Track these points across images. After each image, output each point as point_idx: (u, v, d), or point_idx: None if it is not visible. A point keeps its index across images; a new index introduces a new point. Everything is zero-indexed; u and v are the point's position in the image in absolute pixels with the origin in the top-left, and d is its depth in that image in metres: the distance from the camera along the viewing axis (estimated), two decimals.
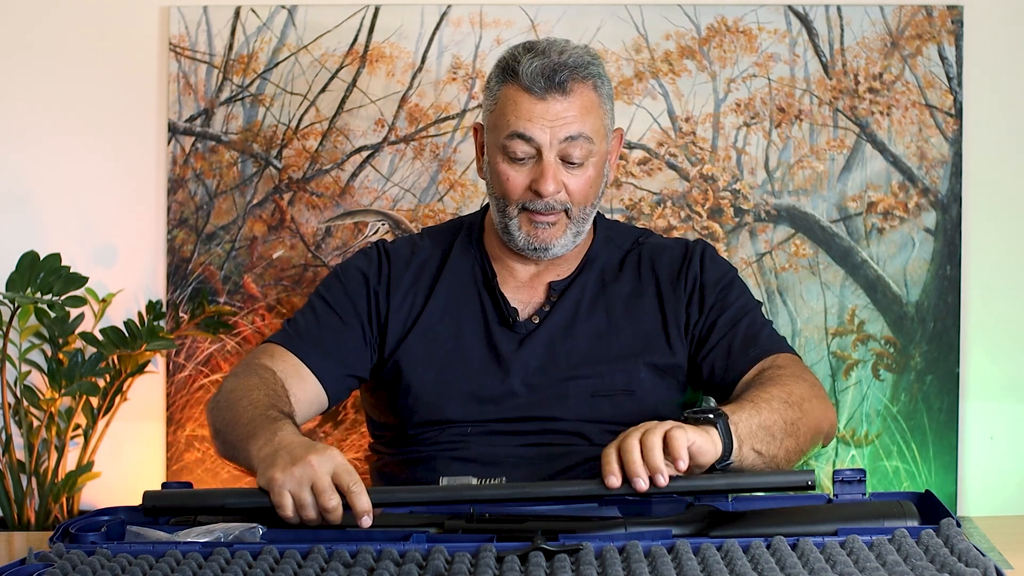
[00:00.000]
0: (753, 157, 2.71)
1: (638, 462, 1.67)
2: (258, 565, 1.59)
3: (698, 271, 2.12)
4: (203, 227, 2.74)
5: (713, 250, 2.18)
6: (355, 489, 1.67)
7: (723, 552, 1.58)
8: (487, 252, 2.16)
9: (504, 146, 2.03)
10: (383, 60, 2.73)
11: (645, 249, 2.16)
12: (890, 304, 2.71)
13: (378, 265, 2.15)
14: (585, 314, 2.10)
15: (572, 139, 2.01)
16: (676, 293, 2.11)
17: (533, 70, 2.00)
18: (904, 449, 2.70)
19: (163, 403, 2.73)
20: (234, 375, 2.03)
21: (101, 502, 2.66)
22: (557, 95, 2.01)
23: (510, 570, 1.56)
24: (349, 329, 2.11)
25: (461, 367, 2.08)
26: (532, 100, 2.01)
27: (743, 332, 2.07)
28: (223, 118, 2.73)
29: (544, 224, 2.05)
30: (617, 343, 2.09)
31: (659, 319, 2.10)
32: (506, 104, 2.03)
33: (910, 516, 1.72)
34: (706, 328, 2.09)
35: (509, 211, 2.06)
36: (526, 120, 2.01)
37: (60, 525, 1.76)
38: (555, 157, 2.02)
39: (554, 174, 2.02)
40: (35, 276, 2.53)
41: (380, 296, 2.13)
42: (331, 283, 2.17)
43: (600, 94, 2.06)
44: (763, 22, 2.70)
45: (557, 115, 2.01)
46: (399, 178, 2.72)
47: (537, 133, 2.01)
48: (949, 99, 2.69)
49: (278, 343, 2.10)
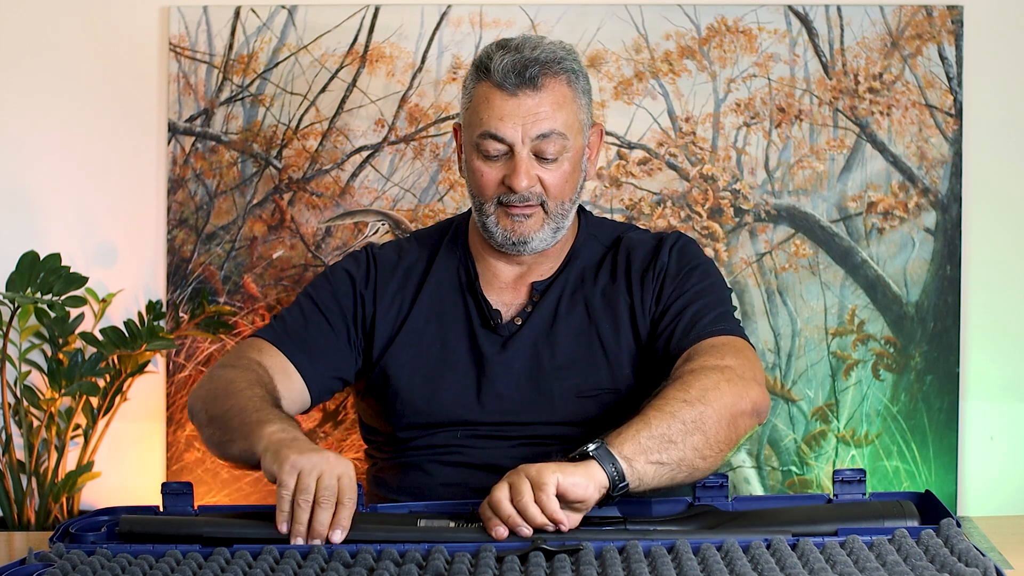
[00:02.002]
0: (753, 157, 2.71)
1: (512, 514, 1.68)
2: (258, 565, 1.59)
3: (665, 261, 2.10)
4: (203, 227, 2.74)
5: (687, 241, 2.15)
6: (347, 503, 1.70)
7: (723, 552, 1.59)
8: (471, 254, 2.16)
9: (477, 144, 2.04)
10: (383, 60, 2.73)
11: (623, 244, 2.15)
12: (890, 304, 2.71)
13: (366, 269, 2.16)
14: (565, 313, 2.10)
15: (544, 136, 2.02)
16: (644, 286, 2.10)
17: (504, 66, 2.01)
18: (904, 449, 2.70)
19: (163, 403, 2.73)
20: (227, 366, 2.04)
21: (101, 502, 2.66)
22: (528, 91, 2.01)
23: (510, 570, 1.56)
24: (335, 331, 2.12)
25: (447, 371, 2.08)
26: (503, 97, 2.01)
27: (689, 317, 2.04)
28: (223, 118, 2.73)
29: (520, 217, 2.05)
30: (598, 341, 2.08)
31: (629, 314, 2.09)
32: (479, 102, 2.04)
33: (910, 516, 1.72)
34: (659, 314, 2.08)
35: (486, 208, 2.07)
36: (497, 119, 2.01)
37: (60, 525, 1.76)
38: (528, 153, 2.02)
39: (526, 170, 2.02)
40: (35, 276, 2.53)
41: (367, 299, 2.13)
42: (319, 284, 2.17)
43: (575, 88, 2.06)
44: (763, 22, 2.70)
45: (528, 111, 2.01)
46: (399, 178, 2.72)
47: (508, 132, 2.01)
48: (949, 99, 2.69)
49: (267, 339, 2.10)
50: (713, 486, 1.83)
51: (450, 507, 1.82)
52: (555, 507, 1.68)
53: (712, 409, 1.83)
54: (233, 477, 2.71)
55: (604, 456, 1.73)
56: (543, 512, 1.68)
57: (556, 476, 1.68)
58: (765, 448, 2.71)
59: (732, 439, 1.86)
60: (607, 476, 1.72)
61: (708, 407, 1.83)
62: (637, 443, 1.76)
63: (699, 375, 1.88)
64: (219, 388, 1.97)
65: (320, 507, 1.69)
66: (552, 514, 1.68)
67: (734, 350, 1.98)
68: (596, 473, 1.72)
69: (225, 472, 2.71)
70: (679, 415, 1.81)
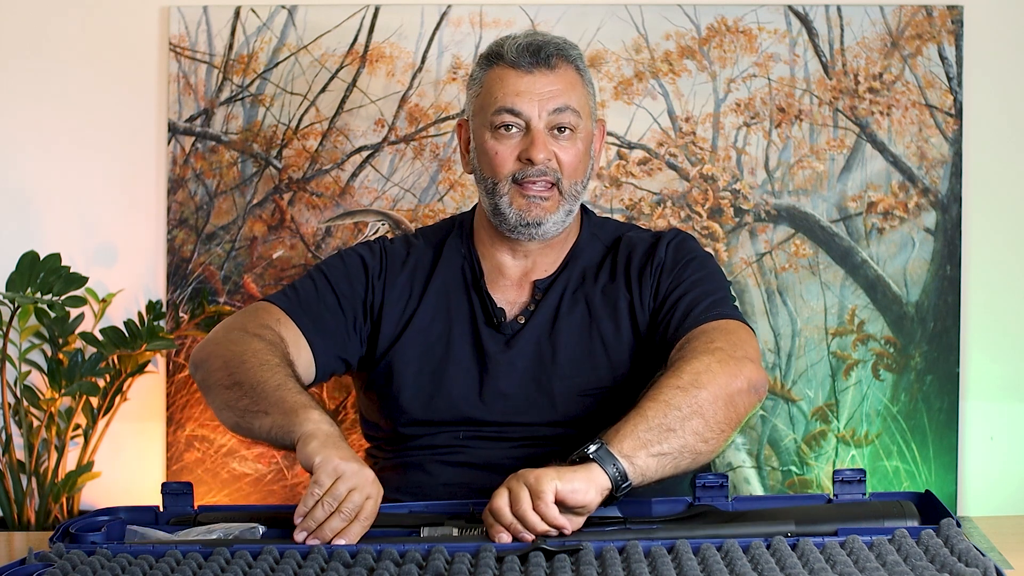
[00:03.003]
0: (753, 157, 2.71)
1: (513, 522, 1.69)
2: (258, 565, 1.59)
3: (663, 257, 2.11)
4: (203, 227, 2.74)
5: (684, 237, 2.16)
6: (363, 522, 1.73)
7: (723, 552, 1.59)
8: (476, 250, 2.16)
9: (492, 122, 2.06)
10: (383, 60, 2.73)
11: (623, 243, 2.16)
12: (890, 304, 2.71)
13: (380, 260, 2.17)
14: (567, 312, 2.10)
15: (560, 111, 2.05)
16: (642, 282, 2.10)
17: (519, 47, 2.06)
18: (904, 449, 2.70)
19: (163, 403, 2.73)
20: (249, 333, 2.02)
21: (101, 502, 2.66)
22: (544, 69, 2.06)
23: (510, 570, 1.56)
24: (344, 314, 2.12)
25: (451, 369, 2.08)
26: (519, 75, 2.05)
27: (684, 306, 2.05)
28: (223, 118, 2.73)
29: (537, 199, 2.06)
30: (599, 339, 2.08)
31: (629, 311, 2.09)
32: (492, 84, 2.07)
33: (910, 516, 1.72)
34: (656, 307, 2.08)
35: (500, 188, 2.07)
36: (514, 95, 2.05)
37: (60, 525, 1.76)
38: (544, 127, 2.05)
39: (544, 142, 2.05)
40: (35, 276, 2.53)
41: (377, 289, 2.14)
42: (334, 264, 2.18)
43: (583, 78, 2.11)
44: (763, 22, 2.70)
45: (544, 87, 2.05)
46: (399, 178, 2.72)
47: (525, 106, 2.05)
48: (949, 99, 2.69)
49: (282, 308, 2.10)
50: (713, 486, 1.83)
51: (450, 507, 1.82)
52: (554, 514, 1.68)
53: (707, 392, 1.84)
54: (233, 477, 2.71)
55: (605, 457, 1.73)
56: (543, 520, 1.68)
57: (554, 483, 1.68)
58: (765, 448, 2.71)
59: (733, 419, 1.86)
60: (609, 478, 1.72)
61: (702, 390, 1.84)
62: (636, 438, 1.76)
63: (690, 360, 1.89)
64: (247, 354, 1.97)
65: (338, 516, 1.70)
66: (552, 521, 1.68)
67: (724, 332, 1.98)
68: (597, 476, 1.72)
69: (225, 472, 2.71)
70: (674, 402, 1.81)
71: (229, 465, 2.72)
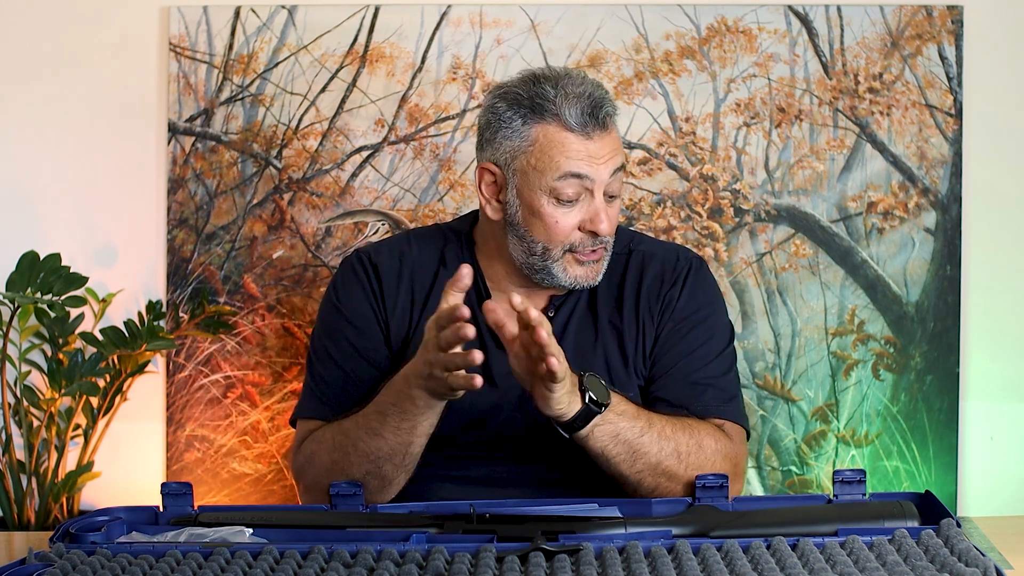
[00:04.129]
0: (753, 157, 2.71)
1: None
2: (258, 565, 1.59)
3: (675, 297, 2.07)
4: (203, 227, 2.74)
5: (702, 273, 2.12)
6: None
7: (723, 552, 1.59)
8: (482, 270, 2.09)
9: (553, 188, 1.96)
10: (383, 60, 2.73)
11: (636, 258, 2.11)
12: (890, 304, 2.71)
13: (370, 282, 2.10)
14: (575, 330, 2.07)
15: (616, 172, 1.99)
16: (652, 311, 2.07)
17: (575, 110, 1.96)
18: (904, 449, 2.70)
19: (163, 403, 2.73)
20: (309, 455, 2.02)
21: (101, 502, 2.66)
22: (601, 132, 1.97)
23: (510, 570, 1.56)
24: (373, 363, 2.07)
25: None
26: (580, 139, 1.96)
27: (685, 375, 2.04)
28: (223, 118, 2.73)
29: (591, 262, 2.01)
30: (603, 360, 2.05)
31: (635, 332, 2.07)
32: (549, 146, 1.96)
33: (910, 516, 1.72)
34: (659, 357, 2.07)
35: (552, 253, 2.00)
36: (578, 160, 1.95)
37: (60, 525, 1.76)
38: (604, 194, 1.99)
39: (606, 211, 1.98)
40: (35, 276, 2.53)
41: (379, 313, 2.08)
42: (338, 326, 2.10)
43: None
44: (763, 22, 2.70)
45: (604, 151, 1.97)
46: (399, 178, 2.72)
47: (592, 172, 1.96)
48: (949, 99, 2.69)
49: (319, 419, 2.06)
50: (713, 486, 1.83)
51: (450, 507, 1.81)
52: None
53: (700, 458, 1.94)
54: (233, 477, 2.71)
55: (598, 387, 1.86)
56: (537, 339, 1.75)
57: None
58: (765, 448, 2.71)
59: (702, 466, 1.93)
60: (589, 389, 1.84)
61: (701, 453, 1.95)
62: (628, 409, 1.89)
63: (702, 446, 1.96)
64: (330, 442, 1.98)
65: None
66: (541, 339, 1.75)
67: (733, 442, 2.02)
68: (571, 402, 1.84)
69: (225, 472, 2.71)
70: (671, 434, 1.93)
71: (229, 465, 2.72)
